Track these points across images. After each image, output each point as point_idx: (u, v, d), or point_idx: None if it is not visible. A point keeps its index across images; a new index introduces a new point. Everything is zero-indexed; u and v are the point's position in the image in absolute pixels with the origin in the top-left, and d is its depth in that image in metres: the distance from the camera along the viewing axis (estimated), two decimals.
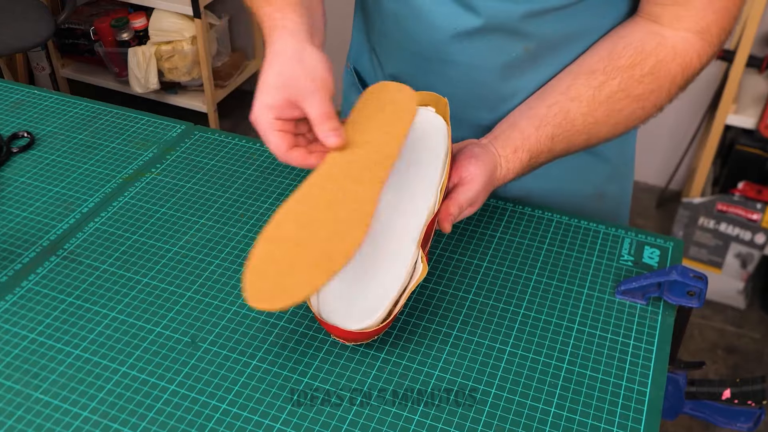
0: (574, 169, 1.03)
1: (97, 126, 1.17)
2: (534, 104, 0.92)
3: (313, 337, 0.82)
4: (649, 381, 0.78)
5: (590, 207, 1.08)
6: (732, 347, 2.26)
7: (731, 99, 2.15)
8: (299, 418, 0.74)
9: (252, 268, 0.71)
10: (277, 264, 0.71)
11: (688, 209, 2.31)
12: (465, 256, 0.93)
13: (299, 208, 0.75)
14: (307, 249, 0.72)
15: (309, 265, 0.71)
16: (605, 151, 1.05)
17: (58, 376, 0.78)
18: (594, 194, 1.08)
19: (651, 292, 0.86)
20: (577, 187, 1.07)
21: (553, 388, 0.77)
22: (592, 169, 1.06)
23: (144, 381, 0.78)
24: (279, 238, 0.73)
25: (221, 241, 0.95)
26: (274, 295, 0.69)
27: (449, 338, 0.82)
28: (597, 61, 0.90)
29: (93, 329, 0.83)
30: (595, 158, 1.05)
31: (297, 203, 0.76)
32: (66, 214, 1.00)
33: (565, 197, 1.06)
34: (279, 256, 0.72)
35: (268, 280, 0.70)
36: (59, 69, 3.04)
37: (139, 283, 0.89)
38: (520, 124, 0.91)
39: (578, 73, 0.91)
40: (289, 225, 0.74)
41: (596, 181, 1.08)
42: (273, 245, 0.72)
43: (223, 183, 1.05)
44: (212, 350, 0.81)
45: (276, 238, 0.73)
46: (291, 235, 0.73)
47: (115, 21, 2.78)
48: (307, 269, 0.70)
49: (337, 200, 0.76)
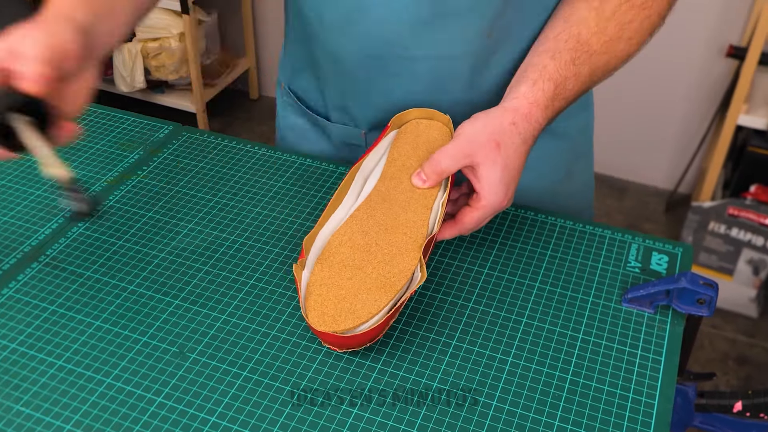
0: (542, 155, 1.04)
1: (81, 126, 1.17)
2: (538, 43, 0.92)
3: (306, 347, 0.82)
4: (657, 393, 0.78)
5: (562, 190, 1.11)
6: (743, 358, 2.26)
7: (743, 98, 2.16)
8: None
9: (311, 292, 0.79)
10: (338, 287, 0.79)
11: (697, 213, 2.32)
12: (465, 262, 0.93)
13: (350, 233, 0.84)
14: (365, 271, 0.80)
15: (370, 287, 0.79)
16: (570, 131, 1.08)
17: (39, 388, 0.78)
18: (564, 176, 1.11)
19: (659, 300, 0.87)
20: (547, 172, 1.09)
21: (557, 400, 0.77)
22: (559, 151, 1.09)
23: (129, 393, 0.78)
24: (336, 262, 0.82)
25: (211, 246, 0.95)
26: (338, 316, 0.77)
27: (448, 348, 0.83)
28: None
29: (77, 339, 0.83)
30: (559, 140, 1.07)
31: (347, 228, 0.85)
32: (48, 218, 1.00)
33: (539, 184, 1.08)
34: (339, 278, 0.80)
35: (330, 303, 0.78)
36: None
37: (125, 290, 0.89)
38: (531, 62, 0.90)
39: (572, 1, 0.92)
40: (344, 249, 0.83)
41: (564, 162, 1.11)
42: (331, 269, 0.81)
43: (213, 186, 1.05)
44: (201, 361, 0.81)
45: (333, 262, 0.81)
46: (347, 258, 0.81)
47: None
48: (369, 290, 0.78)
49: (388, 226, 0.84)
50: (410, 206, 0.86)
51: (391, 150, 0.92)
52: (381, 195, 0.87)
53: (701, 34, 2.51)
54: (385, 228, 0.84)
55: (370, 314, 0.77)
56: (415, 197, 0.87)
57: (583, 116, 1.09)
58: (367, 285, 0.79)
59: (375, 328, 0.77)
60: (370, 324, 0.77)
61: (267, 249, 0.94)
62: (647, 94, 2.69)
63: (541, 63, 0.88)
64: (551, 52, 0.89)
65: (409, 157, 0.90)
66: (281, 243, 0.95)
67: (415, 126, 0.94)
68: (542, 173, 1.07)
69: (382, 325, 0.78)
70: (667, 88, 2.65)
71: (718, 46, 2.51)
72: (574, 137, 1.10)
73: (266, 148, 1.12)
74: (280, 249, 0.94)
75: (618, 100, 2.68)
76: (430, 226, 0.85)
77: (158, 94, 2.91)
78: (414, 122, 0.94)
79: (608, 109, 2.66)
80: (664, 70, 2.61)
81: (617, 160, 2.88)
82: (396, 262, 0.81)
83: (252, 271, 0.91)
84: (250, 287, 0.89)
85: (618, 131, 2.78)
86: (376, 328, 0.77)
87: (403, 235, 0.83)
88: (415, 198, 0.87)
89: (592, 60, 0.90)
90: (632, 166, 2.89)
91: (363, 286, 0.79)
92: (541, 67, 0.88)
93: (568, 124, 1.06)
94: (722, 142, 2.24)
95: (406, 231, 0.84)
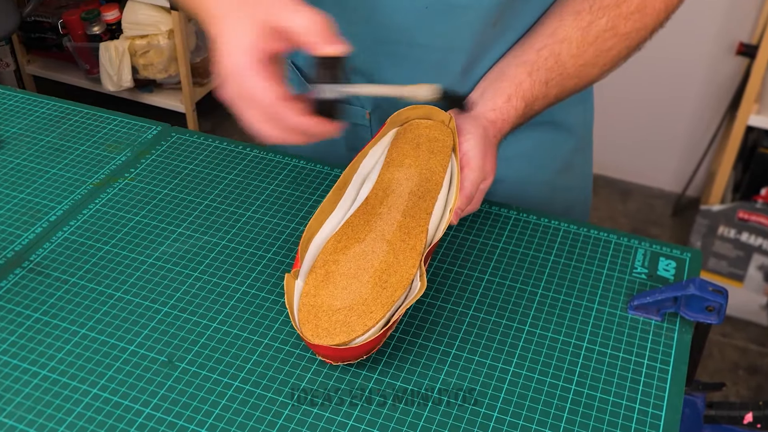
0: (541, 145, 1.06)
1: (65, 127, 1.17)
2: (521, 50, 0.94)
3: (300, 356, 0.82)
4: (664, 404, 0.79)
5: (560, 182, 1.13)
6: (754, 367, 2.27)
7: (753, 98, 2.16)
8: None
9: (305, 303, 0.78)
10: (332, 297, 0.78)
11: (706, 217, 2.32)
12: (465, 268, 0.93)
13: (345, 240, 0.83)
14: (361, 281, 0.79)
15: (366, 298, 0.78)
16: (570, 122, 1.09)
17: (23, 399, 0.78)
18: (562, 168, 1.13)
19: (666, 308, 0.87)
20: (546, 163, 1.10)
21: (560, 411, 0.78)
22: (559, 142, 1.10)
23: (116, 404, 0.78)
24: (330, 271, 0.81)
25: (200, 252, 0.95)
26: (332, 329, 0.76)
27: (447, 357, 0.83)
28: (581, 1, 0.93)
29: (61, 348, 0.83)
30: (560, 131, 1.09)
31: (342, 235, 0.84)
32: (32, 222, 1.00)
33: (537, 176, 1.10)
34: (333, 288, 0.79)
35: (324, 315, 0.77)
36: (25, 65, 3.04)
37: (112, 297, 0.89)
38: (509, 72, 0.93)
39: (563, 14, 0.93)
40: (339, 257, 0.82)
41: (563, 154, 1.12)
42: (325, 278, 0.80)
43: (203, 189, 1.05)
44: (191, 370, 0.81)
45: (327, 270, 0.80)
46: (342, 267, 0.80)
47: (85, 13, 2.78)
48: (365, 302, 0.77)
49: (385, 232, 0.84)
50: (409, 211, 0.85)
51: (390, 150, 0.91)
52: (378, 199, 0.87)
53: (710, 31, 2.52)
54: (382, 235, 0.83)
55: (365, 327, 0.76)
56: (415, 201, 0.86)
57: (581, 108, 1.11)
58: (363, 296, 0.78)
59: (371, 341, 0.77)
60: (366, 337, 0.76)
61: (259, 254, 0.95)
62: (653, 93, 2.69)
63: (518, 78, 0.92)
64: (530, 66, 0.92)
65: (409, 158, 0.90)
66: (274, 248, 0.95)
67: (416, 126, 0.94)
68: (541, 164, 1.09)
69: (379, 338, 0.78)
70: (675, 86, 2.66)
71: (728, 43, 2.51)
72: (574, 129, 1.11)
73: (258, 150, 1.12)
74: (273, 254, 0.95)
75: (623, 98, 2.69)
76: (430, 232, 0.84)
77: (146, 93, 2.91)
78: (415, 122, 0.94)
79: (612, 108, 2.66)
80: (671, 69, 2.61)
81: (622, 162, 2.88)
82: (393, 271, 0.80)
83: (244, 277, 0.91)
84: (242, 293, 0.89)
85: (623, 131, 2.79)
86: (372, 341, 0.77)
87: (402, 243, 0.82)
88: (415, 202, 0.86)
89: (563, 83, 0.94)
90: (637, 168, 2.89)
91: (358, 297, 0.78)
92: (517, 82, 0.92)
93: (568, 115, 1.07)
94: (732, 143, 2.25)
95: (405, 238, 0.83)
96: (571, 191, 1.16)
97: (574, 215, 1.12)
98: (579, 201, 1.19)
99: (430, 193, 0.87)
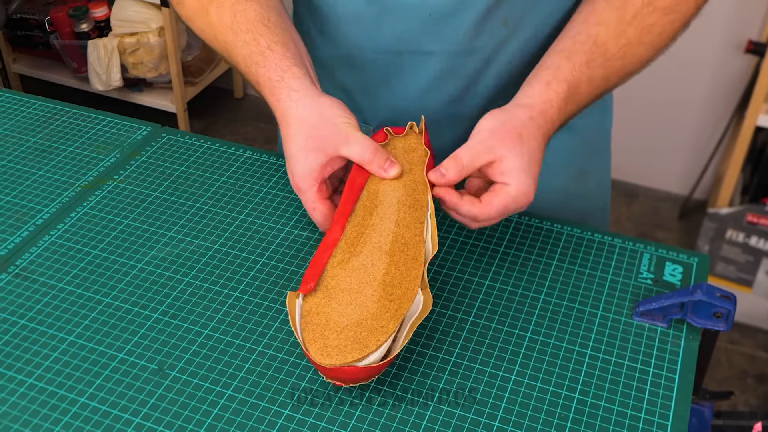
0: (556, 150, 1.05)
1: (53, 128, 1.17)
2: (557, 42, 0.94)
3: (300, 356, 0.83)
4: (670, 413, 0.79)
5: (575, 189, 1.12)
6: (763, 375, 2.27)
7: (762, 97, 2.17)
8: None
9: (308, 321, 0.78)
10: (338, 313, 0.78)
11: (714, 221, 2.33)
12: (465, 273, 0.94)
13: (341, 254, 0.83)
14: (365, 295, 0.79)
15: (374, 312, 0.77)
16: (584, 127, 1.09)
17: (9, 408, 0.78)
18: (577, 173, 1.12)
19: (673, 314, 0.87)
20: (561, 169, 1.10)
21: (564, 420, 0.78)
22: (574, 147, 1.10)
23: (105, 413, 0.78)
24: (331, 287, 0.81)
25: (192, 256, 0.95)
26: (343, 347, 0.75)
27: (450, 361, 0.83)
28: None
29: (48, 355, 0.83)
30: (575, 136, 1.08)
31: (338, 250, 0.84)
32: (18, 226, 1.00)
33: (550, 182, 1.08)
34: (337, 304, 0.79)
35: (332, 332, 0.76)
36: (10, 64, 3.04)
37: (101, 303, 0.89)
38: (546, 62, 0.92)
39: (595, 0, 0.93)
40: (338, 271, 0.82)
41: (579, 159, 1.12)
42: (327, 294, 0.80)
43: (194, 191, 1.05)
44: (182, 378, 0.81)
45: (328, 286, 0.80)
46: (344, 282, 0.80)
47: (73, 10, 2.78)
48: (374, 317, 0.77)
49: (381, 244, 0.84)
50: (403, 221, 0.85)
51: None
52: (368, 210, 0.87)
53: (717, 29, 2.52)
54: (379, 246, 0.83)
55: (378, 342, 0.75)
56: (406, 211, 0.86)
57: (598, 112, 1.10)
58: (371, 310, 0.78)
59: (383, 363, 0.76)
60: (381, 352, 0.76)
61: (253, 258, 0.95)
62: (659, 93, 2.69)
63: (554, 64, 0.90)
64: (566, 52, 0.91)
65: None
66: (268, 252, 0.95)
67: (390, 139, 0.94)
68: (554, 169, 1.08)
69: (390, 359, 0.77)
70: (681, 86, 2.66)
71: (736, 41, 2.52)
72: (589, 133, 1.11)
73: (251, 151, 1.12)
74: (267, 258, 0.95)
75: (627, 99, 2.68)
76: (427, 244, 0.84)
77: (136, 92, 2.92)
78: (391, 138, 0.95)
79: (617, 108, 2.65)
80: (677, 68, 2.61)
81: (626, 163, 2.88)
82: (398, 284, 0.80)
83: (237, 282, 0.92)
84: (235, 299, 0.89)
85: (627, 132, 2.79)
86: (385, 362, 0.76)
87: (402, 254, 0.83)
88: (407, 212, 0.86)
89: (607, 64, 0.91)
90: (643, 170, 2.89)
91: (366, 311, 0.78)
92: (555, 68, 0.90)
93: (583, 119, 1.05)
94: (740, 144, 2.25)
95: (404, 249, 0.83)
96: (586, 199, 1.15)
97: (590, 223, 1.09)
98: (596, 209, 1.18)
99: (419, 202, 0.87)
